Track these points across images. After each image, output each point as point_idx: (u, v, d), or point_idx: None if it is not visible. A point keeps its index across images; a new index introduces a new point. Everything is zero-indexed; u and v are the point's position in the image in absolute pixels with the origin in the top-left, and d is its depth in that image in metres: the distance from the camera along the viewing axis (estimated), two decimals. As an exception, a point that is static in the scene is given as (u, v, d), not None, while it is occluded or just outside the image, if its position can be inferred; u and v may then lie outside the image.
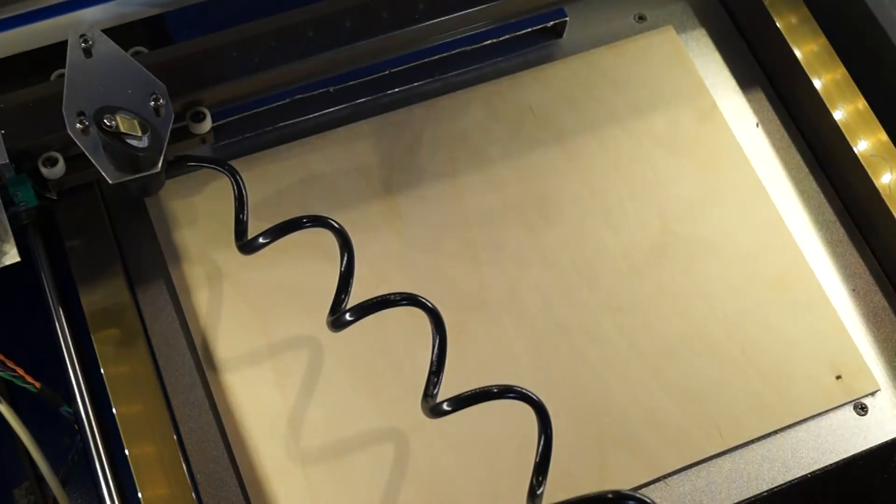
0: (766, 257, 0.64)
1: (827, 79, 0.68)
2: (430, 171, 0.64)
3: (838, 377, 0.61)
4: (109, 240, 0.59)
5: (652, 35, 0.71)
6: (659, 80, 0.69)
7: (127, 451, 0.53)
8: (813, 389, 0.61)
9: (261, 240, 0.55)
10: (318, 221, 0.55)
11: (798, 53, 0.68)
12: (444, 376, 0.52)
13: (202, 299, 0.59)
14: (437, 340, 0.52)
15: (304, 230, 0.55)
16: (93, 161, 0.52)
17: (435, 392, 0.52)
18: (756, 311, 0.62)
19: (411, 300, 0.52)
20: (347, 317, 0.52)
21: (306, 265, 0.60)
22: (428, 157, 0.65)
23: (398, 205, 0.63)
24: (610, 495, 0.49)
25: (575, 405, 0.59)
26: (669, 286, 0.62)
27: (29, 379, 0.55)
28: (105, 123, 0.51)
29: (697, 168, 0.66)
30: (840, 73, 0.68)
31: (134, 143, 0.52)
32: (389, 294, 0.53)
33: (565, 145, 0.66)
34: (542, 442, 0.51)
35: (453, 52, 0.67)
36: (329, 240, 0.55)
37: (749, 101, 0.70)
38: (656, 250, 0.63)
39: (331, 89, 0.65)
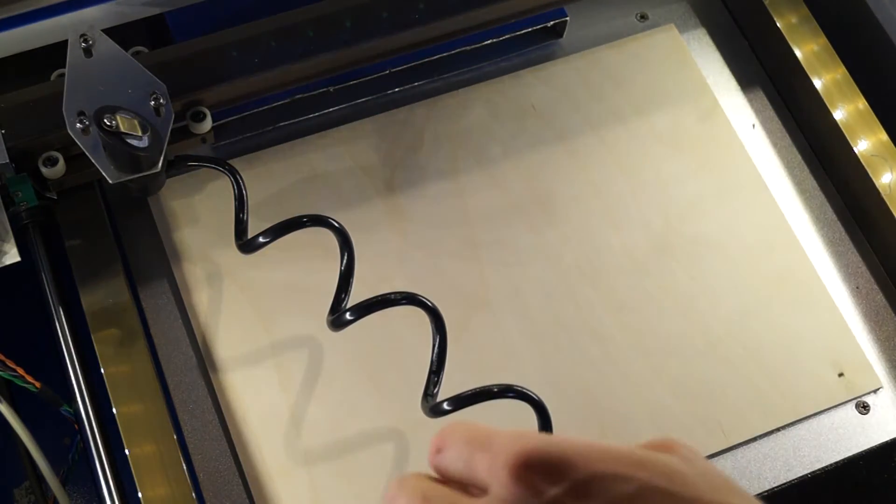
0: (769, 255, 0.64)
1: (827, 79, 0.68)
2: (432, 170, 0.64)
3: (840, 375, 0.61)
4: (109, 239, 0.59)
5: (654, 33, 0.71)
6: (661, 78, 0.69)
7: (127, 451, 0.53)
8: (815, 387, 0.61)
9: (260, 239, 0.55)
10: (318, 221, 0.55)
11: (798, 53, 0.68)
12: (445, 375, 0.52)
13: (204, 298, 0.59)
14: (438, 340, 0.52)
15: (304, 229, 0.55)
16: (93, 161, 0.52)
17: (435, 391, 0.52)
18: (758, 309, 0.62)
19: (411, 299, 0.52)
20: (347, 316, 0.52)
21: (309, 264, 0.60)
22: (430, 156, 0.65)
23: (400, 203, 0.63)
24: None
25: (577, 403, 0.59)
26: (672, 284, 0.62)
27: (29, 379, 0.55)
28: (105, 123, 0.51)
29: (699, 166, 0.66)
30: (840, 72, 0.68)
31: (134, 142, 0.52)
32: (389, 293, 0.53)
33: (567, 143, 0.66)
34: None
35: (453, 51, 0.67)
36: (332, 238, 0.55)
37: (749, 100, 0.70)
38: (659, 248, 0.63)
39: (331, 89, 0.65)
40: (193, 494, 0.53)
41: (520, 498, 0.32)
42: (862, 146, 0.66)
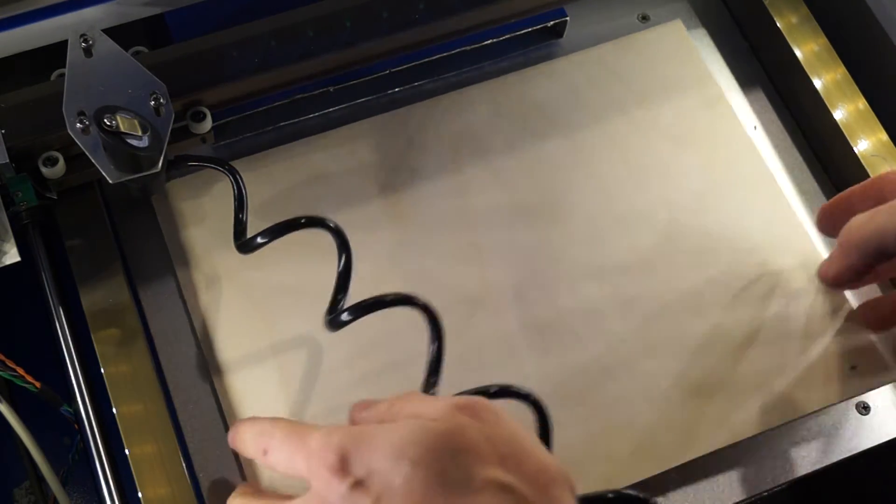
0: (777, 248, 0.64)
1: (827, 78, 0.68)
2: (433, 169, 0.64)
3: (853, 368, 0.60)
4: (110, 239, 0.59)
5: (658, 28, 0.70)
6: (665, 71, 0.69)
7: (127, 451, 0.53)
8: (826, 381, 0.60)
9: (259, 239, 0.55)
10: (315, 222, 0.55)
11: (798, 53, 0.68)
12: (446, 374, 0.52)
13: (204, 298, 0.59)
14: (436, 343, 0.52)
15: (302, 230, 0.55)
16: (93, 161, 0.52)
17: (433, 392, 0.52)
18: (768, 303, 0.62)
19: (408, 301, 0.52)
20: (344, 317, 0.52)
21: (311, 264, 0.60)
22: (430, 155, 0.64)
23: (401, 203, 0.63)
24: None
25: (581, 400, 0.58)
26: (678, 279, 0.62)
27: (29, 378, 0.55)
28: (105, 123, 0.51)
29: (705, 159, 0.66)
30: (840, 72, 0.68)
31: (134, 142, 0.52)
32: (386, 295, 0.53)
33: (571, 140, 0.66)
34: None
35: (453, 52, 0.67)
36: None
37: (750, 101, 0.70)
38: (664, 243, 0.63)
39: (331, 89, 0.65)
40: (193, 494, 0.53)
41: (332, 487, 0.41)
42: (862, 146, 0.66)
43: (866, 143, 0.66)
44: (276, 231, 0.54)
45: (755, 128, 0.69)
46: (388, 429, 0.42)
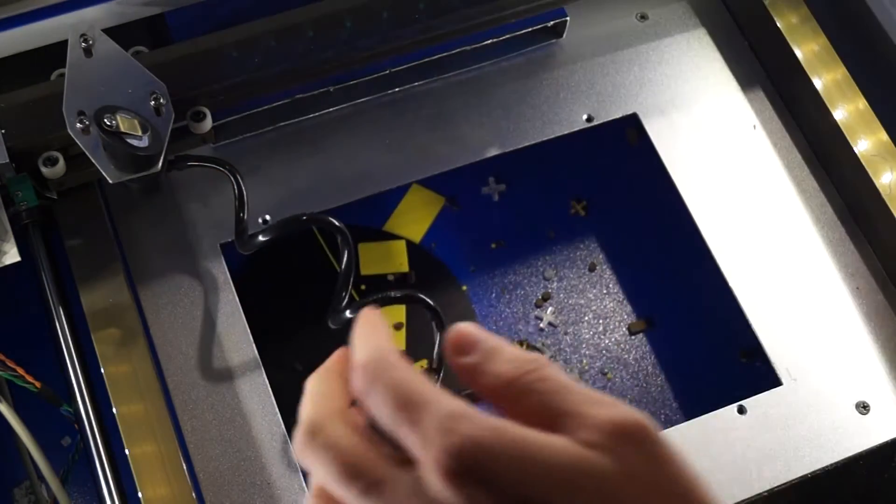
0: None
1: (827, 79, 0.68)
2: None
3: None
4: (109, 240, 0.59)
5: None
6: None
7: (127, 451, 0.53)
8: None
9: (260, 238, 0.55)
10: (317, 220, 0.55)
11: (798, 53, 0.68)
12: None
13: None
14: (440, 339, 0.52)
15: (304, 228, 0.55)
16: (93, 160, 0.53)
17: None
18: None
19: (412, 298, 0.52)
20: (347, 314, 0.52)
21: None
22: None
23: None
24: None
25: None
26: None
27: (29, 378, 0.55)
28: (105, 123, 0.51)
29: None
30: (840, 72, 0.68)
31: (134, 142, 0.52)
32: (389, 292, 0.53)
33: None
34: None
35: (453, 52, 0.67)
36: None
37: (749, 100, 0.70)
38: None
39: (331, 89, 0.65)
40: (193, 494, 0.53)
41: (440, 493, 0.29)
42: (862, 146, 0.65)
43: (866, 143, 0.66)
44: (277, 229, 0.54)
45: (754, 127, 0.69)
46: (538, 447, 0.30)
